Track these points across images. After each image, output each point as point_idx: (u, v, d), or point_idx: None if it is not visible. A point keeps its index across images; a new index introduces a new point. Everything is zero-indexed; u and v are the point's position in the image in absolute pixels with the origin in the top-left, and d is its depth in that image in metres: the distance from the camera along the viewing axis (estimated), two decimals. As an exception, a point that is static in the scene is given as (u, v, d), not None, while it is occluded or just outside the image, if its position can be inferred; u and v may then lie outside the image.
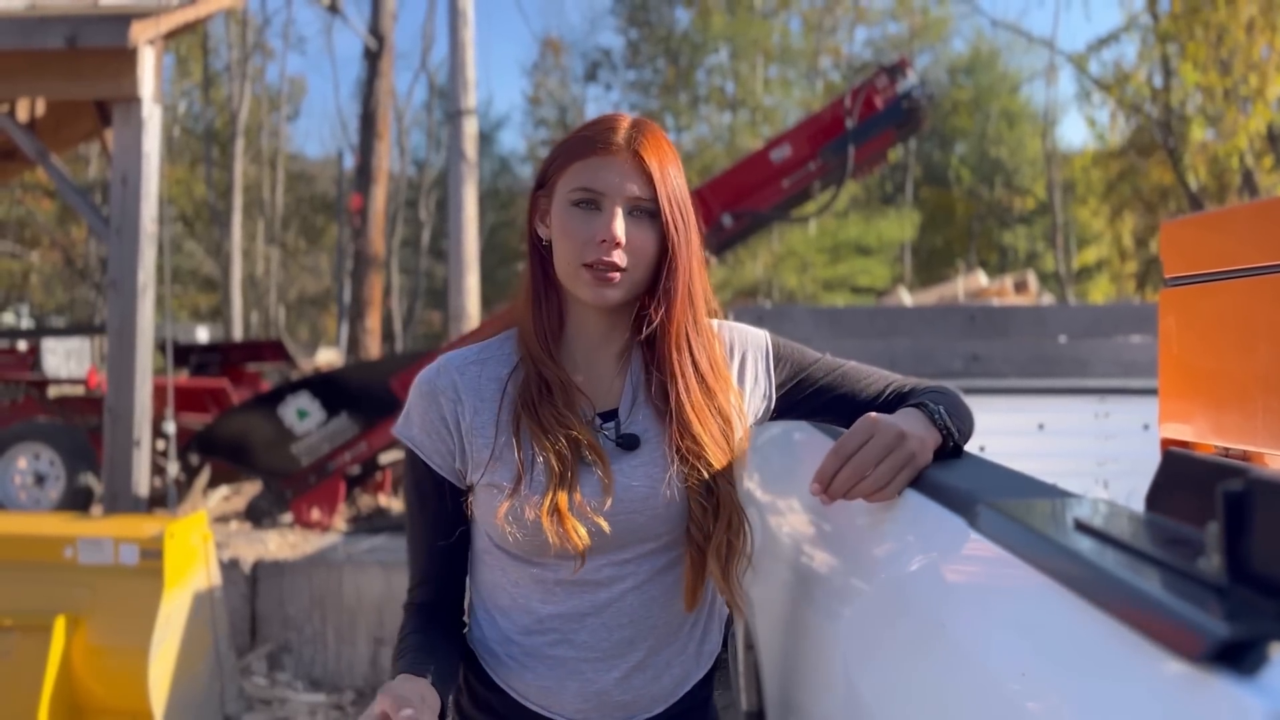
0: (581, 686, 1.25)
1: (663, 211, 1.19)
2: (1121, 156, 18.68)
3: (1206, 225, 1.74)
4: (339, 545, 5.40)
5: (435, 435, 1.25)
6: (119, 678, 3.56)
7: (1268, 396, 1.39)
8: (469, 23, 9.12)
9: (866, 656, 1.22)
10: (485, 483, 1.23)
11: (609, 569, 1.24)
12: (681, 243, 1.21)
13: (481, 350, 1.29)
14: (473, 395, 1.25)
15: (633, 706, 1.27)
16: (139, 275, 5.40)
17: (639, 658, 1.26)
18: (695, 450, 1.22)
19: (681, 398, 1.23)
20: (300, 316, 34.10)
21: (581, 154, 1.20)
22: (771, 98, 26.46)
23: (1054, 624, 0.81)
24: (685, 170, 1.28)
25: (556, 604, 1.24)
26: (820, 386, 1.35)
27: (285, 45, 34.94)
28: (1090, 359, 4.35)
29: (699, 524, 1.23)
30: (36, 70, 5.42)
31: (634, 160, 1.19)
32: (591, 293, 1.19)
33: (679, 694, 1.30)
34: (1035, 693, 0.80)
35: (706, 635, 1.34)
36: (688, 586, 1.25)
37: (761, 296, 21.78)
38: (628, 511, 1.21)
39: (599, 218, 1.18)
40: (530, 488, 1.19)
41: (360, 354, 13.03)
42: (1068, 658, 0.77)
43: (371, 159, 13.25)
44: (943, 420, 1.23)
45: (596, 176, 1.18)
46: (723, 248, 6.61)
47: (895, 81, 6.01)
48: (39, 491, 6.28)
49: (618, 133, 1.20)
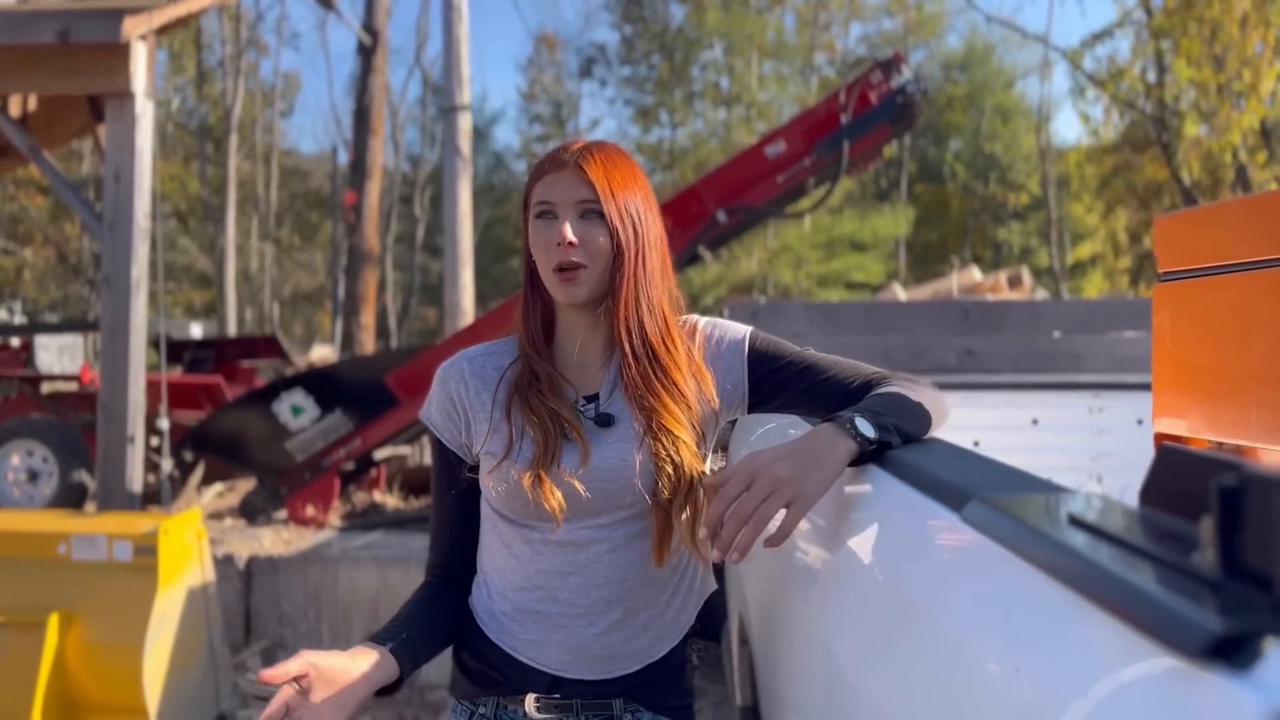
0: (564, 639, 1.42)
1: (606, 211, 1.37)
2: (1115, 152, 18.72)
3: (1200, 220, 1.75)
4: (334, 542, 5.39)
5: (447, 415, 1.46)
6: (113, 674, 3.55)
7: (1261, 391, 1.39)
8: (463, 18, 9.10)
9: (860, 651, 1.23)
10: (484, 451, 1.43)
11: (587, 531, 1.40)
12: (628, 237, 1.38)
13: (491, 345, 1.51)
14: (476, 379, 1.46)
15: (610, 662, 1.43)
16: (132, 271, 5.39)
17: (616, 617, 1.42)
18: (658, 423, 1.38)
19: (633, 372, 1.39)
20: (295, 313, 34.06)
21: (540, 174, 1.41)
22: (766, 93, 26.46)
23: (1047, 619, 0.81)
24: (680, 167, 1.42)
25: (542, 562, 1.42)
26: (793, 378, 1.45)
27: (279, 40, 34.84)
28: (1084, 354, 4.36)
29: (663, 489, 1.37)
30: (28, 65, 5.40)
31: (578, 172, 1.38)
32: (561, 292, 1.38)
33: (654, 656, 1.46)
34: (1029, 688, 0.80)
35: (684, 607, 1.49)
36: (654, 541, 1.40)
37: (756, 292, 21.78)
38: (601, 480, 1.38)
39: (555, 225, 1.38)
40: (518, 457, 1.39)
41: (355, 350, 13.02)
42: (1061, 653, 0.77)
43: (366, 155, 13.24)
44: (855, 428, 1.28)
45: (550, 190, 1.39)
46: (717, 243, 6.60)
47: (890, 77, 6.00)
48: (32, 488, 6.27)
49: (567, 151, 1.41)
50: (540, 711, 1.43)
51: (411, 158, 29.87)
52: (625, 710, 1.45)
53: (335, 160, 25.89)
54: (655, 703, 1.47)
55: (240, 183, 25.34)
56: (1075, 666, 0.74)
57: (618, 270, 1.38)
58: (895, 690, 1.08)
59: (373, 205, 13.39)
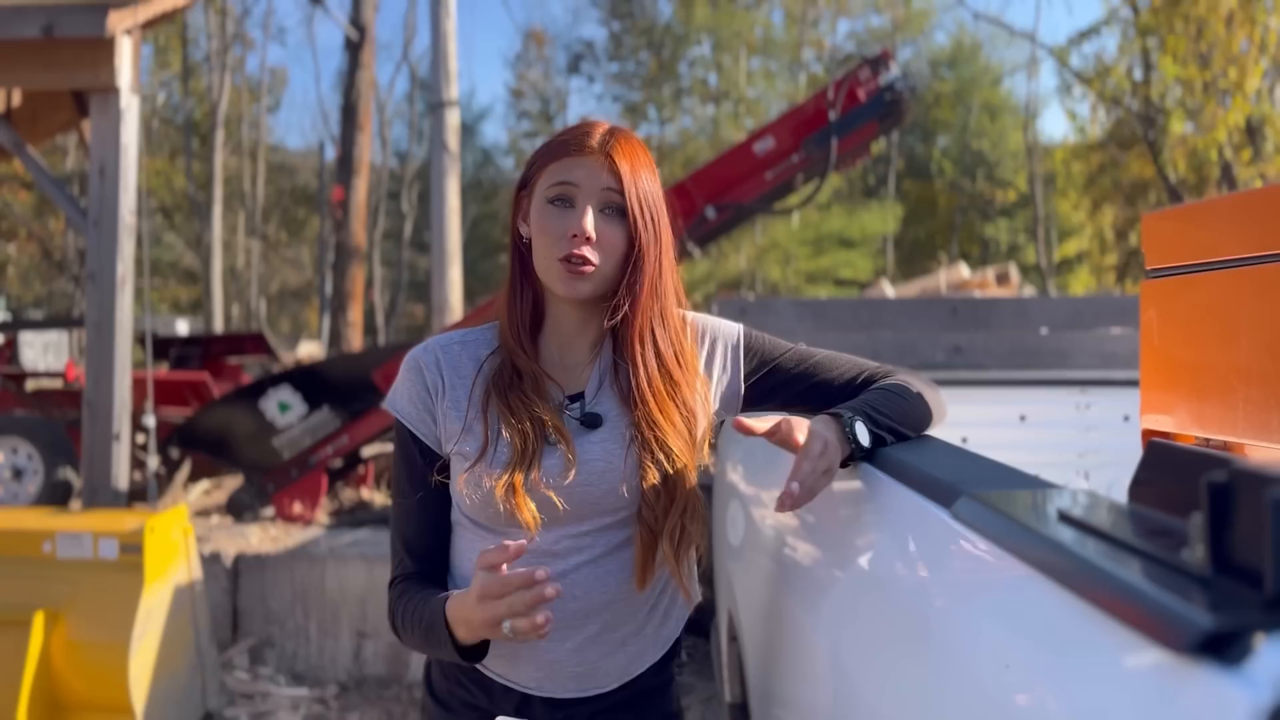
0: (536, 655, 1.31)
1: (631, 210, 1.27)
2: (1102, 149, 18.79)
3: (1188, 217, 1.75)
4: (321, 539, 5.37)
5: (419, 404, 1.34)
6: (99, 673, 3.53)
7: (1248, 388, 1.40)
8: (451, 14, 9.07)
9: (850, 648, 1.23)
10: (455, 451, 1.32)
11: (566, 541, 1.30)
12: (649, 240, 1.29)
13: (466, 334, 1.39)
14: (451, 371, 1.34)
15: (586, 679, 1.34)
16: (118, 267, 5.35)
17: (593, 631, 1.32)
18: (655, 437, 1.30)
19: (643, 386, 1.31)
20: (282, 309, 33.91)
21: (558, 155, 1.29)
22: (754, 90, 26.46)
23: (1038, 615, 0.81)
24: (669, 163, 1.39)
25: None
26: (791, 376, 1.42)
27: (265, 36, 34.66)
28: (1071, 351, 4.37)
29: (650, 505, 1.29)
30: (12, 60, 5.36)
31: (606, 161, 1.27)
32: (564, 285, 1.27)
33: (633, 673, 1.37)
34: (1019, 684, 0.80)
35: (666, 619, 1.40)
36: (638, 565, 1.31)
37: (744, 289, 21.79)
38: (584, 484, 1.29)
39: (572, 214, 1.27)
40: (492, 461, 1.28)
41: (342, 347, 12.97)
42: (1051, 649, 0.77)
43: (353, 151, 13.19)
44: (852, 431, 1.28)
45: (571, 174, 1.27)
46: (706, 240, 6.60)
47: (878, 74, 6.00)
48: (17, 486, 6.22)
49: (593, 136, 1.29)
50: None
51: (399, 154, 29.79)
52: None
53: (322, 156, 25.74)
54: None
55: (227, 178, 25.20)
56: (1066, 662, 0.74)
57: (635, 274, 1.29)
58: (885, 687, 1.09)
59: (360, 201, 13.33)
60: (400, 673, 4.74)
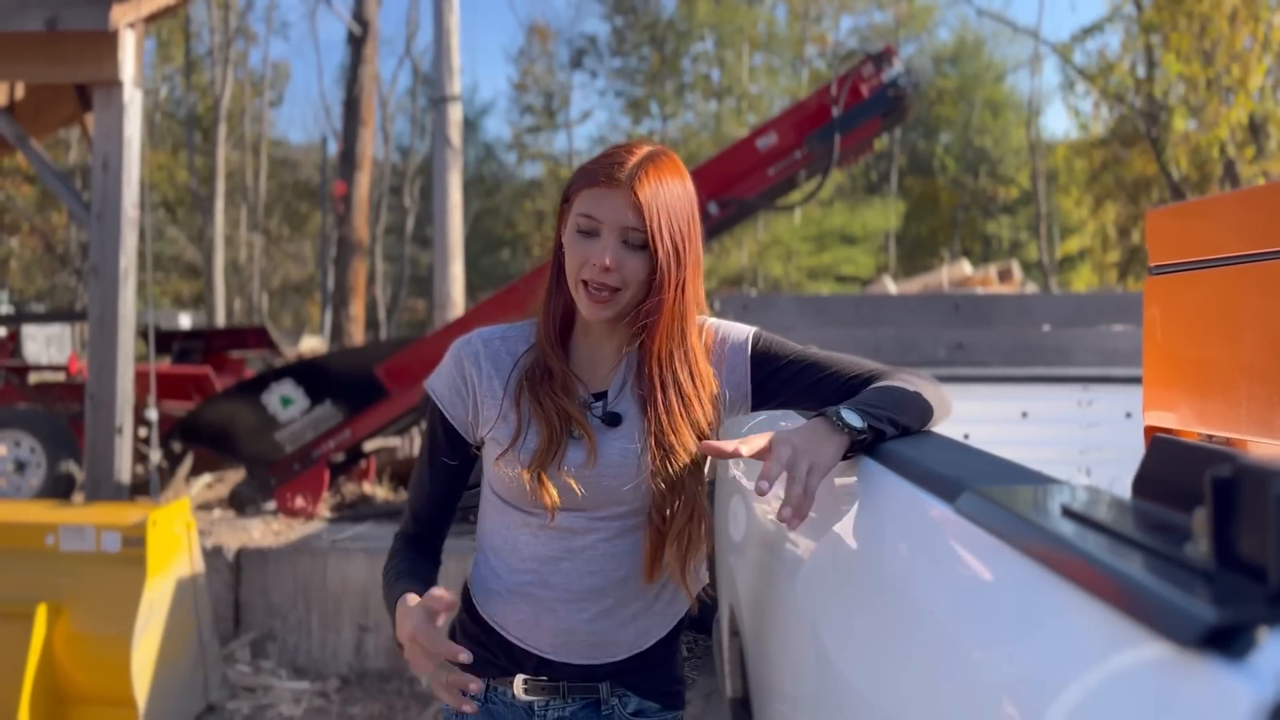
0: (556, 622, 1.45)
1: (652, 242, 1.35)
2: (1104, 146, 18.76)
3: (1192, 214, 1.75)
4: (323, 533, 5.38)
5: (455, 391, 1.47)
6: (101, 666, 3.54)
7: (1251, 384, 1.40)
8: (454, 8, 9.07)
9: (852, 642, 1.23)
10: (490, 436, 1.46)
11: (584, 522, 1.43)
12: (670, 267, 1.37)
13: (509, 329, 1.52)
14: (490, 362, 1.47)
15: (599, 649, 1.46)
16: (120, 261, 5.36)
17: (606, 605, 1.45)
18: (667, 452, 1.40)
19: (659, 406, 1.41)
20: (284, 303, 33.92)
21: (589, 183, 1.38)
22: (757, 86, 26.46)
23: (1041, 610, 0.81)
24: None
25: (538, 546, 1.45)
26: (795, 376, 1.47)
27: (268, 30, 34.73)
28: (1073, 347, 4.37)
29: (659, 509, 1.42)
30: (15, 54, 5.36)
31: (630, 197, 1.34)
32: (587, 309, 1.39)
33: (643, 645, 1.49)
34: (1022, 678, 0.80)
35: (675, 598, 1.51)
36: (646, 560, 1.44)
37: (746, 285, 21.79)
38: (602, 476, 1.41)
39: (597, 244, 1.36)
40: (522, 449, 1.41)
41: (344, 341, 12.97)
42: (1054, 643, 0.77)
43: (355, 145, 13.18)
44: (842, 420, 1.30)
45: (597, 207, 1.36)
46: (709, 236, 6.59)
47: (881, 70, 5.99)
48: (19, 479, 6.23)
49: (623, 167, 1.36)
50: (528, 694, 1.47)
51: (401, 149, 29.76)
52: (612, 694, 1.49)
53: (325, 151, 25.75)
54: (643, 688, 1.51)
55: (229, 173, 25.21)
56: (1069, 657, 0.74)
57: (656, 299, 1.38)
58: (888, 681, 1.09)
59: (362, 196, 13.33)
60: (402, 666, 4.75)
